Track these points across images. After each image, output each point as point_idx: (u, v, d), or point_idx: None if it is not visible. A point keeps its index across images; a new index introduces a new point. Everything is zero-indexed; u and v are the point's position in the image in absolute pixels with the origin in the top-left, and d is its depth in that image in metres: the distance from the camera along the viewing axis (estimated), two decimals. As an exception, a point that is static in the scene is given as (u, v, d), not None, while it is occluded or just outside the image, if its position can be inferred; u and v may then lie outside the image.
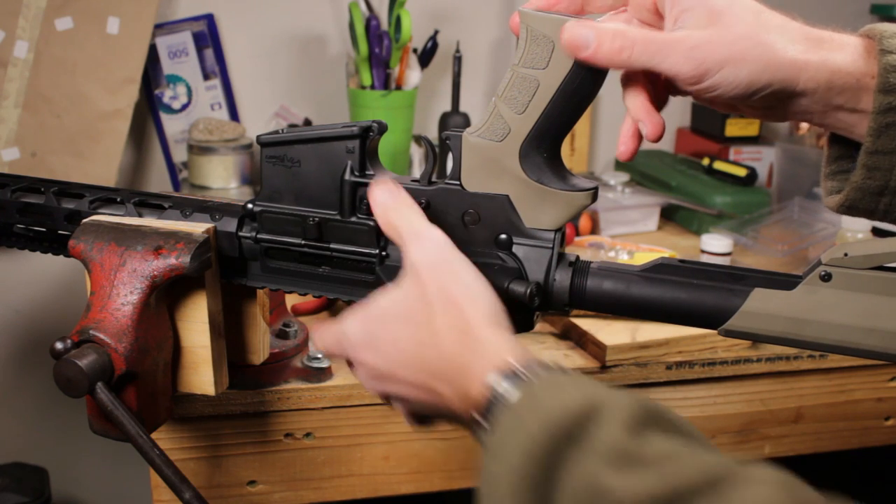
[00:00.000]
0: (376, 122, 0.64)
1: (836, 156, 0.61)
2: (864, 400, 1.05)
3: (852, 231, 1.15)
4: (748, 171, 1.46)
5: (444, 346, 0.53)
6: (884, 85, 0.53)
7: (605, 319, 0.98)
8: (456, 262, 0.56)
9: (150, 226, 0.69)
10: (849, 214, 0.60)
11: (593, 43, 0.55)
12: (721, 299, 0.57)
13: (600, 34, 0.55)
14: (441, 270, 0.55)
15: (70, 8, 1.33)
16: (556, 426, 0.43)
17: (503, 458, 0.45)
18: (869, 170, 0.56)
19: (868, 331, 0.53)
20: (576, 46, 0.55)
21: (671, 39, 0.55)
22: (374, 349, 0.56)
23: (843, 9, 1.72)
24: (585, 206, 0.61)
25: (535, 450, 0.43)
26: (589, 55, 0.55)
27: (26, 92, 1.33)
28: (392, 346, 0.55)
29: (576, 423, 0.43)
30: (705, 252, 1.17)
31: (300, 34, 1.52)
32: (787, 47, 0.54)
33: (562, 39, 0.56)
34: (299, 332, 0.93)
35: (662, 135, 0.60)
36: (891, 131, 0.54)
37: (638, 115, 0.60)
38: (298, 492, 0.90)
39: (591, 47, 0.55)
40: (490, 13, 1.60)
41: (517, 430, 0.45)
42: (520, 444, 0.44)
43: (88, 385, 0.63)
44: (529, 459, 0.43)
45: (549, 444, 0.43)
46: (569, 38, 0.55)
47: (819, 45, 0.55)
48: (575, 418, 0.43)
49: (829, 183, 0.61)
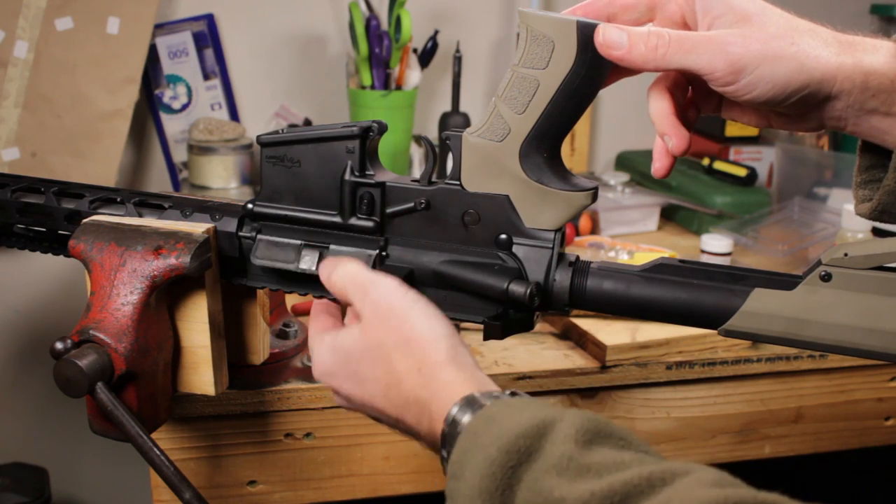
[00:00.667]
0: (376, 122, 0.64)
1: (867, 165, 0.61)
2: (864, 400, 1.05)
3: (852, 231, 1.15)
4: (748, 171, 1.46)
5: (406, 388, 0.55)
6: None
7: (605, 319, 0.98)
8: (408, 307, 0.56)
9: (150, 226, 0.69)
10: (881, 220, 0.59)
11: (626, 43, 0.55)
12: (721, 299, 0.57)
13: (633, 34, 0.55)
14: (395, 318, 0.56)
15: (70, 8, 1.33)
16: (512, 445, 0.46)
17: (464, 479, 0.47)
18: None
19: (868, 331, 0.53)
20: (610, 46, 0.56)
21: (707, 37, 0.55)
22: (347, 381, 0.59)
23: (843, 9, 1.72)
24: (585, 206, 0.61)
25: (493, 469, 0.45)
26: (622, 54, 0.55)
27: (26, 92, 1.33)
28: (361, 384, 0.58)
29: (529, 441, 0.46)
30: (705, 252, 1.17)
31: (300, 34, 1.52)
32: (820, 49, 0.54)
33: (596, 41, 0.56)
34: (299, 332, 0.93)
35: (688, 148, 0.60)
36: None
37: (663, 129, 0.60)
38: (298, 492, 0.90)
39: (625, 47, 0.55)
40: (490, 13, 1.60)
41: (476, 451, 0.47)
42: (479, 465, 0.46)
43: (88, 385, 0.63)
44: (488, 478, 0.45)
45: (505, 463, 0.45)
46: (602, 40, 0.56)
47: (852, 47, 0.55)
48: (529, 437, 0.46)
49: (860, 192, 0.61)
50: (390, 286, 0.58)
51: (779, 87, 0.54)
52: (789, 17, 0.56)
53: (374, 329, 0.57)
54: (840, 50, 0.55)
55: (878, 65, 0.55)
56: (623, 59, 0.56)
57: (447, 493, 0.49)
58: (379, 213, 0.64)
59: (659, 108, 0.60)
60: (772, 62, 0.54)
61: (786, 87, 0.54)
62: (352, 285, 0.59)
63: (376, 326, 0.57)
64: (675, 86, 0.61)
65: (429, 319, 0.56)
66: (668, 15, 0.60)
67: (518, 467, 0.45)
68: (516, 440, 0.46)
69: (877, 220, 0.59)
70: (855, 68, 0.55)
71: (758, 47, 0.54)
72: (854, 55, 0.55)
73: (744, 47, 0.54)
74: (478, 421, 0.49)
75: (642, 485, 0.42)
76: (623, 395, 0.96)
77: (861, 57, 0.55)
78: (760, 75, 0.54)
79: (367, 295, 0.58)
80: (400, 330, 0.56)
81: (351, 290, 0.59)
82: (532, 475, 0.45)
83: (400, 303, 0.57)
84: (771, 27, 0.55)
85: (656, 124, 0.60)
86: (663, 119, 0.60)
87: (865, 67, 0.55)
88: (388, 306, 0.57)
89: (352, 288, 0.59)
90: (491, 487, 0.45)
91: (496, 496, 0.45)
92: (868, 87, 0.55)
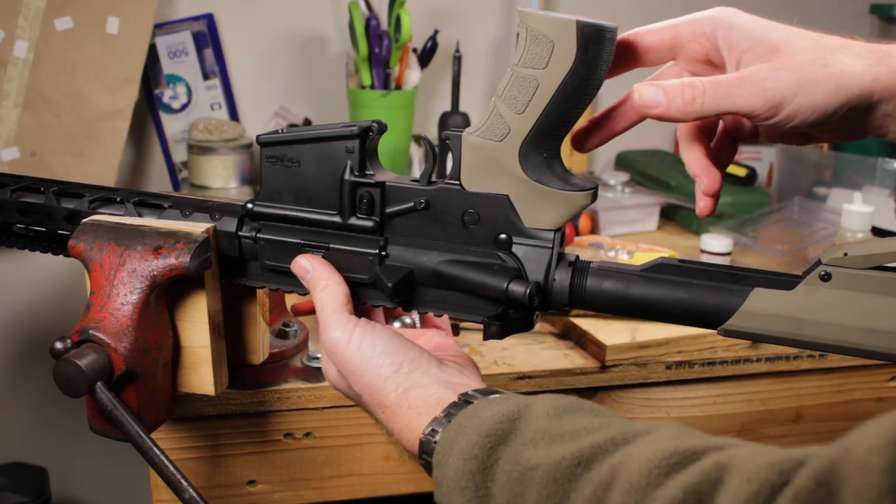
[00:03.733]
0: (376, 122, 0.64)
1: None
2: (864, 400, 1.05)
3: (852, 231, 1.15)
4: (748, 171, 1.46)
5: (378, 416, 0.61)
6: None
7: (605, 319, 0.98)
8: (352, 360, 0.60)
9: (149, 226, 0.69)
10: None
11: (664, 100, 0.56)
12: (721, 299, 0.57)
13: (668, 89, 0.56)
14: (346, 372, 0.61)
15: (70, 8, 1.33)
16: (491, 429, 0.50)
17: (448, 465, 0.52)
18: None
19: (868, 331, 0.53)
20: (646, 106, 0.56)
21: (739, 78, 0.55)
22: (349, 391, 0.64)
23: (843, 9, 1.72)
24: (585, 205, 0.61)
25: (474, 451, 0.50)
26: (662, 111, 0.56)
27: (26, 92, 1.33)
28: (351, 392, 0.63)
29: (506, 424, 0.51)
30: (705, 252, 1.17)
31: (300, 34, 1.52)
32: (854, 63, 0.54)
33: (632, 101, 0.57)
34: (299, 331, 0.93)
35: (720, 187, 0.62)
36: None
37: (694, 172, 0.62)
38: (298, 492, 0.90)
39: (663, 105, 0.56)
40: (490, 13, 1.60)
41: (459, 439, 0.52)
42: (461, 449, 0.51)
43: (88, 385, 0.63)
44: (471, 460, 0.50)
45: (485, 444, 0.50)
46: (639, 100, 0.56)
47: (885, 56, 0.55)
48: (506, 421, 0.51)
49: None
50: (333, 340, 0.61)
51: (819, 111, 0.54)
52: (817, 38, 0.55)
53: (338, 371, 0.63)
54: (875, 61, 0.55)
55: None
56: (663, 116, 0.56)
57: (435, 481, 0.53)
58: (378, 213, 0.64)
59: (689, 149, 0.62)
60: (808, 89, 0.54)
61: (826, 108, 0.54)
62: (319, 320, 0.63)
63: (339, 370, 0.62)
64: (702, 128, 0.63)
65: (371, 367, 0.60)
66: (691, 54, 0.60)
67: (496, 447, 0.50)
68: (494, 425, 0.50)
69: None
70: (891, 76, 0.54)
71: (791, 77, 0.54)
72: (888, 63, 0.55)
73: (777, 81, 0.54)
74: (461, 417, 0.53)
75: (606, 445, 0.46)
76: (623, 394, 0.96)
77: (895, 63, 0.55)
78: (800, 104, 0.54)
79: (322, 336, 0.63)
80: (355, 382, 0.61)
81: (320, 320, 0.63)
82: (510, 451, 0.49)
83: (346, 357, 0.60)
84: (800, 52, 0.54)
85: (688, 168, 0.62)
86: (693, 163, 0.62)
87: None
88: (338, 359, 0.61)
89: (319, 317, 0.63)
90: (473, 468, 0.50)
91: (478, 475, 0.49)
92: None
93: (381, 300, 0.66)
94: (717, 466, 0.40)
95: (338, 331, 0.61)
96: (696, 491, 0.39)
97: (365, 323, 0.61)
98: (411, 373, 0.59)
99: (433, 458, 0.53)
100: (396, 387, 0.58)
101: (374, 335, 0.60)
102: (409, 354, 0.60)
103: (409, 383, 0.59)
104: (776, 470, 0.38)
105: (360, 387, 0.60)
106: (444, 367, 0.61)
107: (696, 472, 0.40)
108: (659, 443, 0.44)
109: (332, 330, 0.61)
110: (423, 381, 0.59)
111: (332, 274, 0.64)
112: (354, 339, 0.60)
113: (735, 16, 0.57)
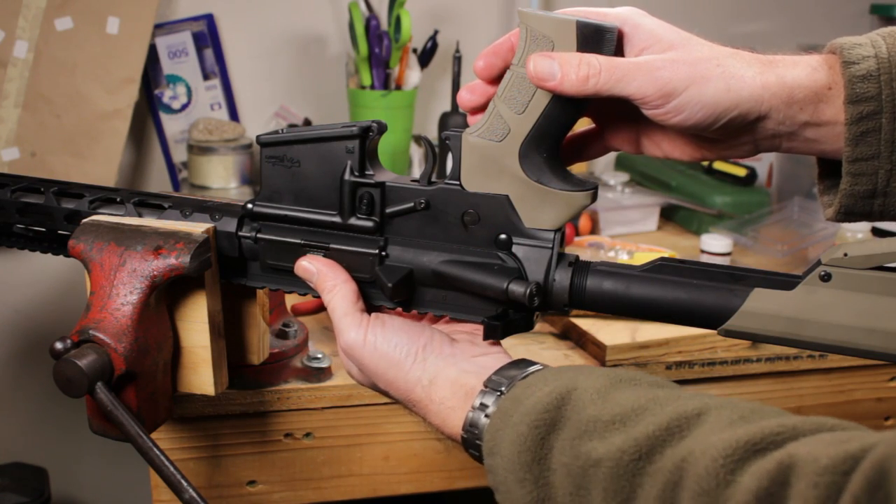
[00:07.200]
0: (376, 122, 0.64)
1: (825, 173, 0.63)
2: (864, 400, 1.05)
3: (852, 231, 1.15)
4: (748, 171, 1.46)
5: (410, 408, 0.62)
6: (852, 96, 0.56)
7: (605, 319, 0.98)
8: (370, 359, 0.61)
9: (149, 226, 0.69)
10: (847, 221, 0.61)
11: (558, 73, 0.56)
12: (721, 299, 0.57)
13: (565, 63, 0.56)
14: (368, 372, 0.62)
15: (70, 8, 1.33)
16: (538, 419, 0.52)
17: (500, 454, 0.53)
18: (854, 176, 0.58)
19: (868, 331, 0.53)
20: (541, 78, 0.56)
21: (636, 63, 0.57)
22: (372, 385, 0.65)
23: (842, 9, 1.71)
24: (585, 206, 0.61)
25: (527, 444, 0.51)
26: (555, 85, 0.56)
27: (26, 92, 1.33)
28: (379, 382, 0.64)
29: (553, 412, 0.52)
30: (705, 252, 1.17)
31: (300, 34, 1.52)
32: (744, 70, 0.56)
33: (528, 71, 0.57)
34: (299, 332, 0.93)
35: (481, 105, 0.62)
36: (867, 138, 0.56)
37: None
38: (298, 492, 0.90)
39: (557, 77, 0.56)
40: (490, 13, 1.60)
41: (507, 429, 0.53)
42: (513, 440, 0.52)
43: (88, 385, 0.63)
44: (523, 450, 0.51)
45: (536, 436, 0.51)
46: (533, 71, 0.57)
47: (772, 65, 0.57)
48: (552, 409, 0.52)
49: (824, 198, 0.64)
50: (349, 343, 0.62)
51: (708, 108, 0.56)
52: (712, 45, 0.58)
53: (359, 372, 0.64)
54: (762, 69, 0.57)
55: (801, 78, 0.57)
56: (555, 90, 0.57)
57: (487, 468, 0.54)
58: (378, 213, 0.64)
59: None
60: (699, 83, 0.56)
61: (715, 107, 0.56)
62: (333, 318, 0.63)
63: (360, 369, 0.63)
64: None
65: (391, 363, 0.61)
66: None
67: (547, 437, 0.51)
68: (539, 415, 0.52)
69: (842, 221, 0.61)
70: (779, 84, 0.57)
71: (685, 70, 0.56)
72: (775, 72, 0.57)
73: (672, 71, 0.56)
74: (506, 402, 0.54)
75: (662, 434, 0.47)
76: (623, 395, 0.96)
77: (783, 72, 0.57)
78: (690, 96, 0.56)
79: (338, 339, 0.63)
80: (379, 379, 0.62)
81: (334, 322, 0.63)
82: (563, 441, 0.50)
83: (365, 357, 0.61)
84: (697, 51, 0.57)
85: None
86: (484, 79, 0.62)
87: (788, 82, 0.57)
88: (358, 360, 0.62)
89: (334, 322, 0.63)
90: (527, 459, 0.51)
91: (534, 466, 0.51)
92: (794, 100, 0.57)
93: (381, 300, 0.66)
94: (781, 467, 0.41)
95: (352, 333, 0.62)
96: (767, 494, 0.41)
97: (375, 318, 0.62)
98: (428, 358, 0.60)
99: (483, 450, 0.55)
100: (419, 378, 0.60)
101: (386, 330, 0.61)
102: (422, 340, 0.61)
103: (430, 374, 0.60)
104: (840, 471, 0.39)
105: (385, 383, 0.61)
106: (456, 344, 0.62)
107: (763, 473, 0.41)
108: (716, 433, 0.45)
109: (346, 333, 0.62)
110: (441, 364, 0.60)
111: (338, 273, 0.64)
112: (369, 338, 0.61)
113: (641, 17, 0.59)
